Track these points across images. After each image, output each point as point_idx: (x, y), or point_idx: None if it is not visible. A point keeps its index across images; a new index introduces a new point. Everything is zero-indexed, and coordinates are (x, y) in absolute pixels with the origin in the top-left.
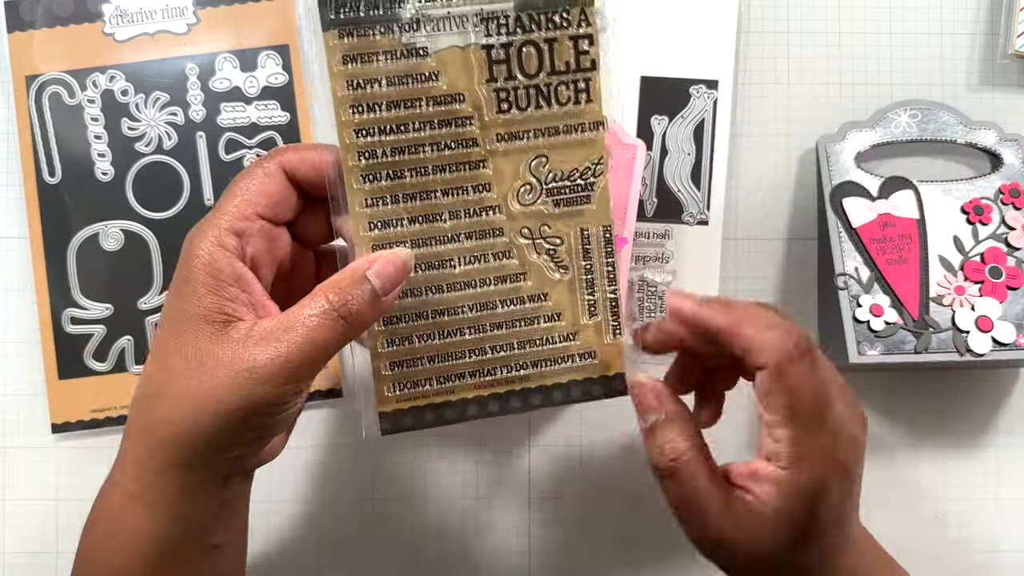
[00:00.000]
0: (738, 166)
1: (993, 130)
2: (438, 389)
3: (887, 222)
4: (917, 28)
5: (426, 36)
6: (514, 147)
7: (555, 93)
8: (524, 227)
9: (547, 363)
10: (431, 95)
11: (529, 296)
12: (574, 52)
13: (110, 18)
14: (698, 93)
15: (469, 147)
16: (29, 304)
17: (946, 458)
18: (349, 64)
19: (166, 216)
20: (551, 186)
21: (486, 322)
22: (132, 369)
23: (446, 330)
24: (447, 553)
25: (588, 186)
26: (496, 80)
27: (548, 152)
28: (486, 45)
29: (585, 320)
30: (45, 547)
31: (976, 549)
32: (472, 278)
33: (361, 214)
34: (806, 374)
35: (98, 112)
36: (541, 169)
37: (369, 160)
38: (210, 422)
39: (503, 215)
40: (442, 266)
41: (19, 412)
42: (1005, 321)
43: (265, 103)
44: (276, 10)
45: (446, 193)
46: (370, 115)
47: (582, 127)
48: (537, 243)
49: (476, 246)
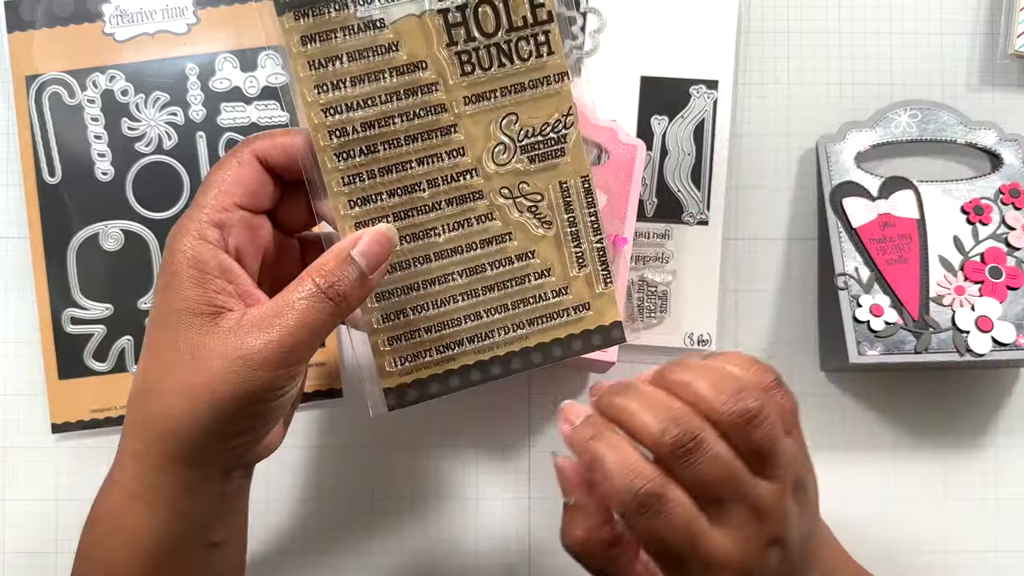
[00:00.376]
0: (738, 166)
1: (993, 130)
2: (439, 359)
3: (887, 222)
4: (917, 28)
5: (380, 8)
6: (482, 108)
7: (516, 49)
8: (503, 187)
9: (543, 320)
10: (393, 66)
11: (516, 256)
12: (529, 6)
13: (110, 18)
14: (698, 93)
15: (438, 113)
16: (29, 304)
17: (946, 458)
18: (308, 45)
19: (166, 216)
20: (524, 143)
21: (477, 286)
22: (132, 369)
23: (439, 299)
24: (447, 552)
25: (560, 139)
26: (456, 43)
27: (516, 109)
28: (442, 10)
29: (575, 272)
30: (45, 547)
31: (976, 549)
32: (458, 244)
33: (339, 193)
34: (648, 528)
35: (98, 112)
36: (512, 127)
37: (340, 138)
38: (207, 413)
39: (480, 178)
40: (426, 236)
41: (19, 412)
42: (1005, 321)
43: (265, 103)
44: None
45: (421, 163)
46: (335, 93)
47: (547, 80)
48: (518, 201)
49: (457, 212)
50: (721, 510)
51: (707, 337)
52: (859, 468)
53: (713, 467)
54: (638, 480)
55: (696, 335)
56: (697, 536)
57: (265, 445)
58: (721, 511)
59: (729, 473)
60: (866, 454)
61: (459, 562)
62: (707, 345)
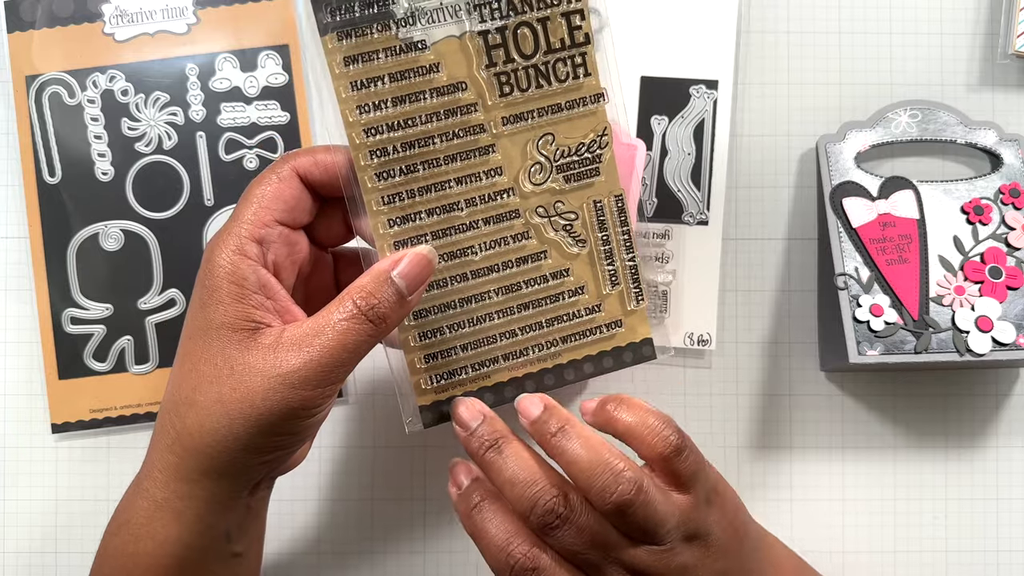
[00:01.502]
0: (738, 166)
1: (993, 130)
2: (473, 376)
3: (887, 222)
4: (917, 28)
5: (422, 29)
6: (520, 128)
7: (553, 71)
8: (539, 206)
9: (576, 337)
10: (433, 87)
11: (551, 273)
12: (567, 28)
13: (110, 18)
14: (698, 93)
15: (476, 134)
16: (29, 304)
17: (946, 458)
18: (350, 65)
19: (166, 216)
20: (560, 162)
21: (513, 304)
22: (132, 369)
23: (475, 317)
24: (447, 552)
25: (595, 158)
26: (495, 64)
27: (553, 129)
28: (482, 31)
29: (608, 290)
30: (45, 547)
31: (976, 549)
32: (494, 262)
33: (379, 212)
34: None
35: (98, 112)
36: (548, 147)
37: (381, 158)
38: (243, 428)
39: (517, 197)
40: (464, 254)
41: (19, 412)
42: (1005, 321)
43: (265, 103)
44: (276, 10)
45: (459, 182)
46: (376, 113)
47: (583, 101)
48: (553, 220)
49: (494, 231)
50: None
51: (707, 337)
52: (859, 468)
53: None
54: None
55: (696, 335)
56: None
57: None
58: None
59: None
60: (866, 454)
61: (459, 563)
62: (707, 345)
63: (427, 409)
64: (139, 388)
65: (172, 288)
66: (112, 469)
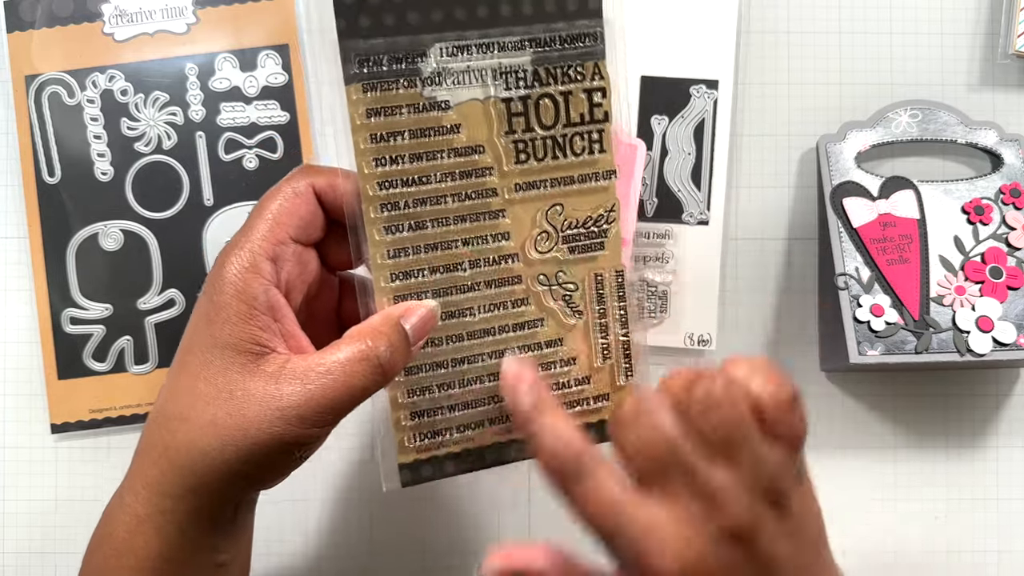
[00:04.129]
0: (738, 166)
1: (993, 130)
2: (458, 438)
3: (887, 222)
4: (917, 28)
5: (447, 90)
6: (531, 196)
7: (570, 144)
8: (541, 274)
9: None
10: (452, 147)
11: (546, 342)
12: (588, 104)
13: (110, 18)
14: (698, 93)
15: (488, 197)
16: (29, 304)
17: (946, 458)
18: (372, 118)
19: (166, 216)
20: (566, 233)
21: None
22: (131, 369)
23: (466, 378)
24: (448, 552)
25: (601, 232)
26: (515, 132)
27: (563, 200)
28: (505, 98)
29: (599, 363)
30: (45, 547)
31: (976, 549)
32: (491, 325)
33: (383, 266)
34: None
35: (97, 112)
36: (557, 217)
37: (391, 211)
38: (234, 455)
39: (521, 263)
40: (462, 315)
41: (19, 412)
42: (1005, 321)
43: (265, 103)
44: (276, 10)
45: (466, 243)
46: (392, 167)
47: (595, 176)
48: (554, 289)
49: (495, 294)
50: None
51: (707, 337)
52: (859, 468)
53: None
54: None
55: (696, 335)
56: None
57: None
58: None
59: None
60: (866, 454)
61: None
62: (707, 345)
63: (407, 468)
64: (138, 388)
65: (171, 288)
66: (112, 469)
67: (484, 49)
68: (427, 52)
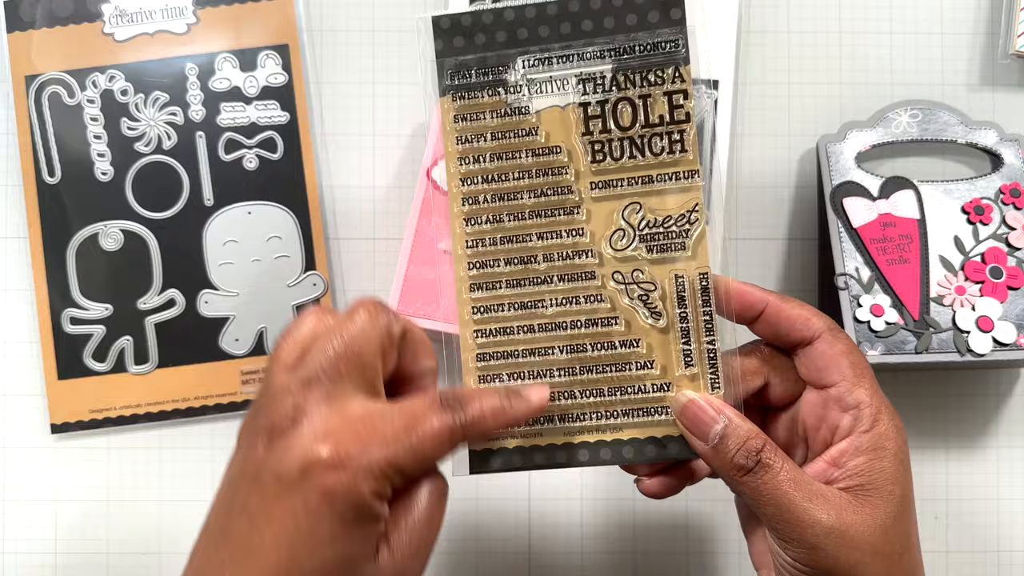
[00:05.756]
0: (738, 166)
1: (993, 130)
2: (526, 431)
3: (888, 222)
4: (917, 28)
5: (529, 97)
6: (608, 194)
7: (649, 144)
8: (616, 271)
9: (640, 412)
10: (531, 147)
11: (621, 341)
12: (668, 106)
13: (110, 18)
14: (698, 93)
15: (565, 194)
16: (29, 304)
17: (946, 458)
18: (459, 122)
19: (166, 216)
20: (644, 232)
21: (576, 364)
22: (131, 369)
23: (536, 370)
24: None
25: (683, 233)
26: (591, 133)
27: (642, 199)
28: (584, 103)
29: (680, 371)
30: (45, 547)
31: (976, 549)
32: (563, 319)
33: (462, 256)
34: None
35: (97, 112)
36: (635, 216)
37: (472, 206)
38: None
39: (596, 259)
40: (535, 306)
41: (19, 412)
42: (1006, 321)
43: (265, 103)
44: (276, 10)
45: (541, 237)
46: (475, 166)
47: (676, 175)
48: (630, 288)
49: (569, 288)
50: None
51: None
52: None
53: None
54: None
55: None
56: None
57: None
58: None
59: None
60: None
61: (460, 563)
62: None
63: (476, 455)
64: (138, 388)
65: (171, 288)
66: (112, 469)
67: (565, 60)
68: (512, 64)
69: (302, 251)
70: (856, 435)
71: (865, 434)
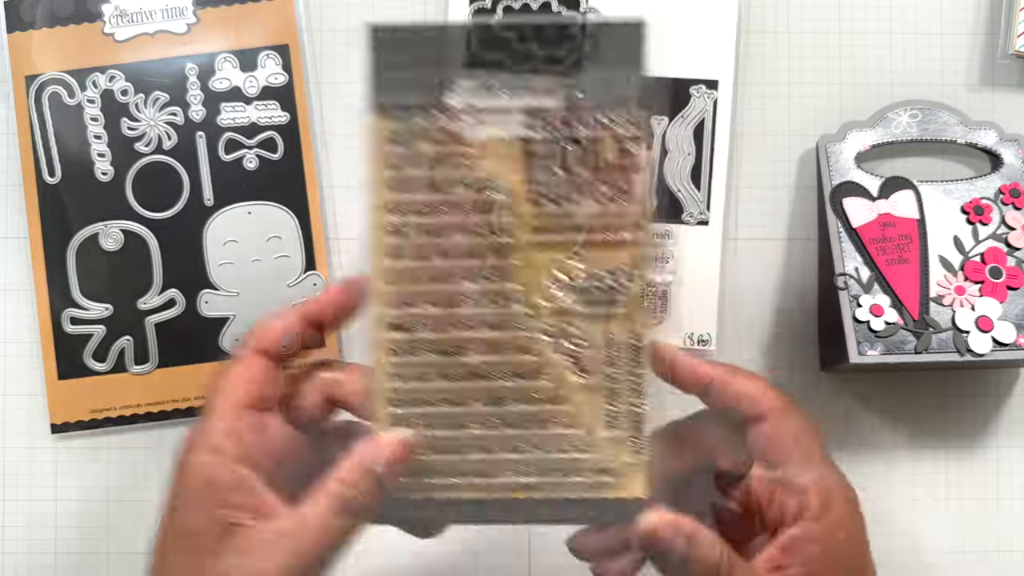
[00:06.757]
0: (738, 166)
1: (993, 130)
2: (437, 484)
3: (887, 222)
4: (917, 28)
5: (470, 125)
6: (546, 240)
7: (593, 190)
8: (547, 324)
9: (556, 472)
10: (467, 181)
11: (544, 397)
12: (618, 152)
13: (110, 18)
14: (698, 93)
15: (499, 237)
16: (29, 304)
17: (946, 458)
18: (390, 145)
19: (166, 216)
20: (580, 285)
21: (494, 417)
22: (132, 369)
23: (452, 421)
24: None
25: (620, 289)
26: (534, 172)
27: (581, 250)
28: (528, 138)
29: (603, 432)
30: (44, 547)
31: (976, 549)
32: (487, 370)
33: (382, 293)
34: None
35: (98, 112)
36: (572, 267)
37: (398, 239)
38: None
39: (526, 308)
40: (457, 353)
41: (19, 412)
42: (1005, 321)
43: (265, 103)
44: (276, 10)
45: (470, 279)
46: (404, 196)
47: (619, 227)
48: (559, 343)
49: (495, 337)
50: None
51: (707, 337)
52: (859, 468)
53: None
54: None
55: (696, 335)
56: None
57: None
58: None
59: None
60: (866, 454)
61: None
62: (707, 345)
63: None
64: (139, 388)
65: (172, 288)
66: (112, 469)
67: (514, 89)
68: (455, 87)
69: (302, 251)
70: (807, 521)
71: (815, 522)
